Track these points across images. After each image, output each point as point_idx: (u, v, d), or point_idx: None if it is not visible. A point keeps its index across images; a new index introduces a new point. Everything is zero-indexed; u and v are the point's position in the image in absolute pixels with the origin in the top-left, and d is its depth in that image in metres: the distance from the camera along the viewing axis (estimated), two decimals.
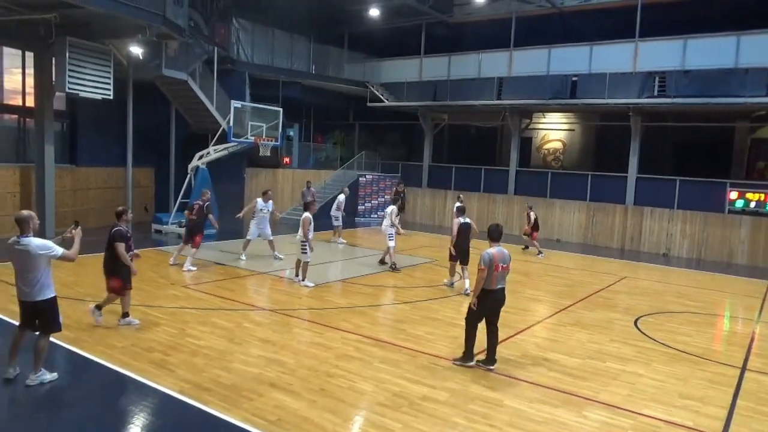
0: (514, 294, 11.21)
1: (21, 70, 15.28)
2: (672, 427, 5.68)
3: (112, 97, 14.21)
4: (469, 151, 24.99)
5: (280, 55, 22.15)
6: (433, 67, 22.83)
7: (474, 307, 6.90)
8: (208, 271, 11.83)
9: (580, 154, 24.21)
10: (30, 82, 14.88)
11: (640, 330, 9.18)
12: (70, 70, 13.00)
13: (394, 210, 13.89)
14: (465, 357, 7.01)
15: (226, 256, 13.24)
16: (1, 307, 8.25)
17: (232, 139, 16.19)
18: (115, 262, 7.69)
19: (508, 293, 10.29)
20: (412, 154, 26.91)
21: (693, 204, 17.97)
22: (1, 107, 15.44)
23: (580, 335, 8.69)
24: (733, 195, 17.46)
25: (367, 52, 24.68)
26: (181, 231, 15.94)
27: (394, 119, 26.16)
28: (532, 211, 16.49)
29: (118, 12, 12.01)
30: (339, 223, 16.63)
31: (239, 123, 16.29)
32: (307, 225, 10.59)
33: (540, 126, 24.83)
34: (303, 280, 10.86)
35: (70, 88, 13.19)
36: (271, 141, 17.21)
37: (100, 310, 7.86)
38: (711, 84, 16.76)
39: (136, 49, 15.11)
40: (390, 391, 6.14)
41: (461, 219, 11.05)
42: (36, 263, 5.73)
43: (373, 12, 21.40)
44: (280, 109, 17.75)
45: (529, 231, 16.44)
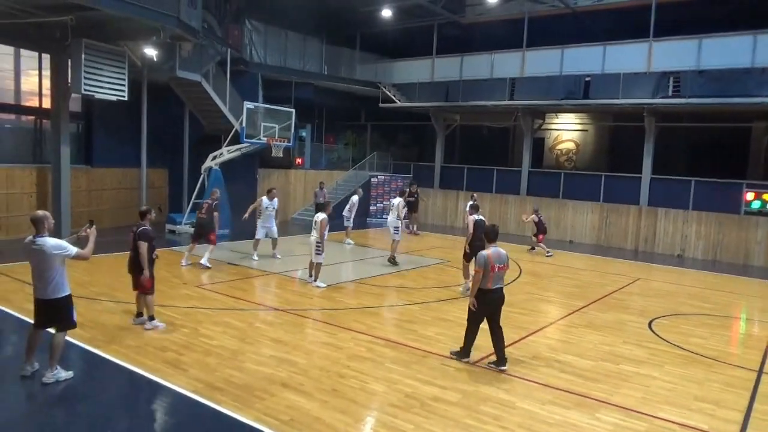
0: (525, 295, 11.20)
1: (38, 72, 15.47)
2: (687, 431, 5.63)
3: (126, 98, 14.35)
4: (481, 152, 24.90)
5: (293, 57, 22.24)
6: (445, 67, 22.79)
7: (473, 308, 6.93)
8: (221, 271, 11.90)
9: (593, 154, 24.05)
10: (46, 83, 15.07)
11: (654, 332, 9.10)
12: (85, 72, 13.14)
13: (401, 203, 13.99)
14: (462, 352, 7.18)
15: (238, 256, 13.31)
16: (18, 307, 8.36)
17: (245, 139, 16.27)
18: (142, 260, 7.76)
19: (520, 294, 10.19)
20: (423, 155, 26.88)
21: (708, 205, 17.76)
22: (19, 109, 15.65)
23: (593, 337, 8.63)
24: (749, 196, 17.24)
25: (379, 53, 24.70)
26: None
27: (406, 120, 26.15)
28: (536, 214, 16.63)
29: (132, 14, 12.12)
30: (350, 224, 16.74)
31: (252, 124, 16.37)
32: (325, 226, 10.71)
33: (553, 126, 24.69)
34: (315, 280, 10.91)
35: (85, 90, 13.33)
36: (284, 142, 17.27)
37: (152, 320, 7.87)
38: (727, 84, 16.56)
39: (151, 51, 15.25)
40: (401, 391, 6.14)
41: (476, 216, 10.94)
42: (51, 262, 5.82)
43: (385, 13, 21.40)
44: (293, 110, 17.80)
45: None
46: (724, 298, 12.29)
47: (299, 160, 23.63)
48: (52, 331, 6.06)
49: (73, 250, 5.92)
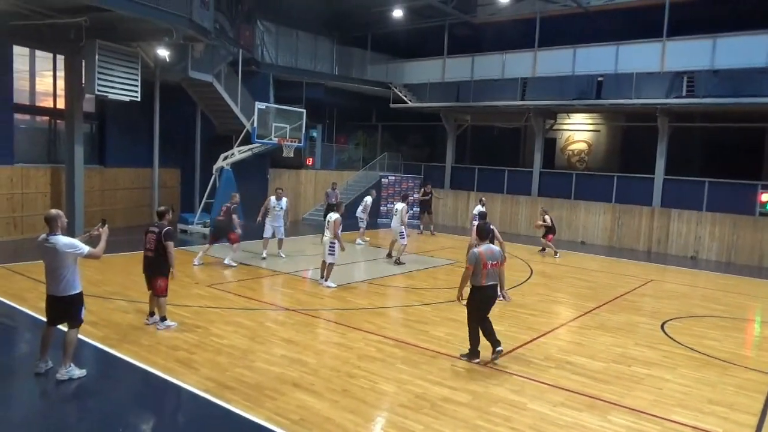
0: (537, 296, 11.14)
1: (52, 73, 15.62)
2: None
3: (139, 98, 14.48)
4: (492, 152, 24.81)
5: (304, 57, 22.31)
6: (457, 67, 22.74)
7: (459, 301, 7.25)
8: (232, 271, 11.98)
9: (605, 155, 23.87)
10: (61, 84, 15.22)
11: (667, 334, 9.01)
12: (99, 73, 13.28)
13: (405, 208, 14.08)
14: (471, 354, 7.24)
15: (249, 256, 13.37)
16: (32, 305, 8.45)
17: (256, 140, 16.33)
18: (164, 262, 7.76)
19: (532, 296, 10.15)
20: (434, 155, 26.84)
21: (722, 206, 17.57)
22: (33, 109, 15.81)
23: (605, 338, 8.57)
24: (765, 197, 17.00)
25: (390, 53, 24.69)
26: (206, 231, 16.19)
27: (417, 120, 26.12)
28: (548, 215, 16.59)
29: (145, 15, 12.23)
30: (363, 225, 16.81)
31: (263, 124, 16.43)
32: (338, 226, 10.80)
33: (564, 127, 24.55)
34: (326, 280, 10.93)
35: (99, 90, 13.47)
36: (295, 142, 17.32)
37: (164, 321, 7.89)
38: (741, 84, 16.37)
39: (163, 52, 15.38)
40: (412, 392, 6.13)
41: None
42: (63, 260, 5.89)
43: (396, 13, 21.40)
44: (304, 111, 17.84)
45: (540, 226, 16.54)
46: (738, 300, 12.16)
47: (310, 161, 23.69)
48: (65, 328, 6.13)
49: (85, 248, 5.99)
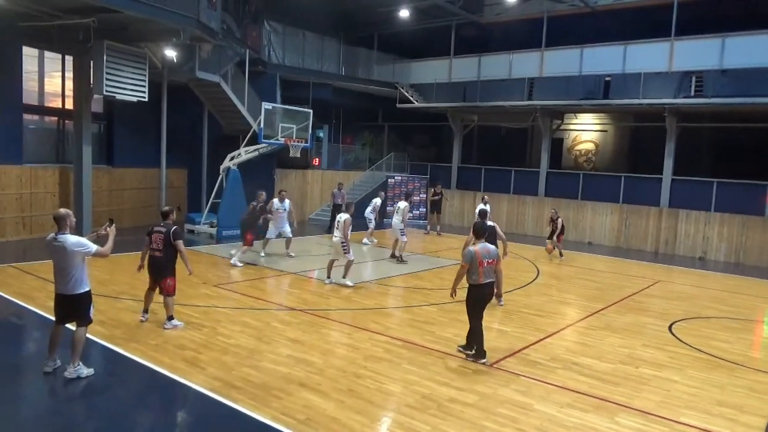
0: (544, 297, 11.11)
1: (61, 74, 15.72)
2: None
3: (147, 99, 14.53)
4: (499, 153, 24.75)
5: (311, 57, 22.33)
6: (463, 67, 22.70)
7: (452, 297, 7.33)
8: (239, 271, 12.02)
9: (613, 155, 23.77)
10: (69, 85, 15.30)
11: (675, 335, 8.96)
12: (107, 73, 13.34)
13: (407, 206, 14.15)
14: (476, 353, 7.23)
15: (256, 257, 13.39)
16: (41, 304, 8.51)
17: (263, 140, 16.37)
18: (172, 261, 7.82)
19: (539, 296, 10.10)
20: (441, 156, 26.79)
21: (731, 207, 17.44)
22: (42, 110, 15.92)
23: (612, 339, 8.52)
24: None
25: (396, 53, 24.68)
26: (213, 231, 16.26)
27: (424, 120, 26.09)
28: (560, 218, 16.03)
29: (153, 16, 12.29)
30: (372, 225, 16.84)
31: (270, 124, 16.46)
32: (348, 226, 10.90)
33: (571, 127, 24.45)
34: (345, 277, 11.05)
35: (107, 91, 13.54)
36: (301, 142, 17.34)
37: (171, 320, 7.93)
38: (751, 84, 16.25)
39: (171, 52, 15.44)
40: (418, 392, 6.13)
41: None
42: (72, 259, 5.93)
43: (403, 13, 21.39)
44: (310, 111, 17.86)
45: (554, 222, 16.09)
46: (747, 302, 12.06)
47: (316, 161, 23.72)
48: (73, 327, 6.17)
49: (93, 247, 6.03)
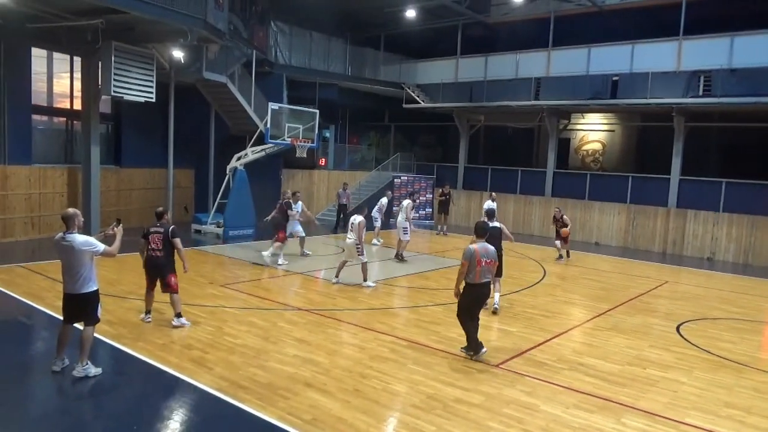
0: (550, 297, 11.08)
1: (69, 75, 15.83)
2: None
3: (154, 99, 14.62)
4: (506, 153, 24.69)
5: (317, 58, 22.38)
6: (470, 67, 22.66)
7: (456, 297, 7.29)
8: (246, 271, 12.05)
9: (620, 155, 23.65)
10: (77, 86, 15.41)
11: (682, 336, 8.92)
12: (115, 74, 13.43)
13: (410, 204, 14.17)
14: (472, 348, 7.24)
15: (263, 257, 13.43)
16: (49, 304, 8.58)
17: (270, 140, 16.42)
18: (173, 259, 7.90)
19: (545, 297, 10.09)
20: (447, 156, 26.77)
21: (740, 207, 17.32)
22: (51, 110, 16.04)
23: (619, 340, 8.49)
24: None
25: (403, 54, 24.68)
26: (220, 231, 16.34)
27: (430, 120, 26.08)
28: (565, 216, 15.67)
29: (161, 17, 12.36)
30: (378, 224, 16.86)
31: (276, 125, 16.52)
32: (362, 228, 10.96)
33: (578, 127, 24.36)
34: (365, 281, 11.09)
35: (115, 92, 13.63)
36: (308, 143, 17.38)
37: (180, 317, 7.97)
38: (760, 83, 16.14)
39: (178, 53, 15.52)
40: (424, 393, 6.13)
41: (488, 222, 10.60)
42: (80, 258, 5.97)
43: (410, 13, 21.38)
44: (317, 111, 17.91)
45: (566, 233, 15.80)
46: (755, 303, 11.98)
47: (323, 161, 23.76)
48: (81, 327, 6.21)
49: (101, 247, 6.08)
